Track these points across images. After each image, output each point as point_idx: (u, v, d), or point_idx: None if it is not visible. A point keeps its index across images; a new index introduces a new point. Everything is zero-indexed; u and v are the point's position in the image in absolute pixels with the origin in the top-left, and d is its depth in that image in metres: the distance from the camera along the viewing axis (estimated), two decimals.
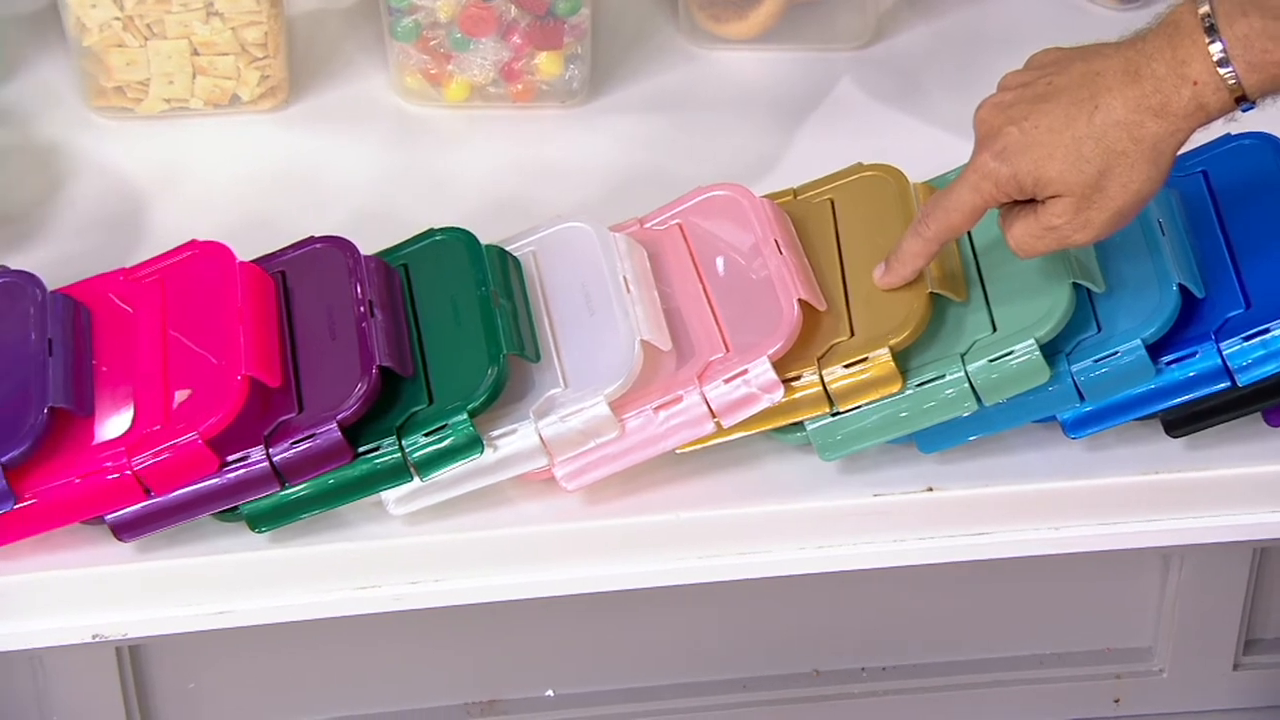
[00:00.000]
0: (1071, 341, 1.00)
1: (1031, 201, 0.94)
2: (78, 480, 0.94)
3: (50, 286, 1.01)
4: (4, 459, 0.93)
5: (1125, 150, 0.90)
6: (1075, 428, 1.01)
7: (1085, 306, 1.01)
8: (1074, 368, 0.99)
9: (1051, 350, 0.99)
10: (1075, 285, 1.00)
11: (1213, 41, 0.89)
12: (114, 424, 0.96)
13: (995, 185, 0.93)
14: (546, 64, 1.20)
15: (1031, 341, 0.98)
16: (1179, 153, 0.92)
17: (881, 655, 1.20)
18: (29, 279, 1.01)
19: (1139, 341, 0.99)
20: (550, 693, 1.19)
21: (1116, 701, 1.22)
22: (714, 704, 1.20)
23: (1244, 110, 0.91)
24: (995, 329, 1.00)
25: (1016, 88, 0.94)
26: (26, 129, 1.16)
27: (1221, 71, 0.89)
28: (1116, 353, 0.99)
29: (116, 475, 0.94)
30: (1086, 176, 0.91)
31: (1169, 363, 0.99)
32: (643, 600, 1.08)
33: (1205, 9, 0.89)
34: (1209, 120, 0.91)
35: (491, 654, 1.17)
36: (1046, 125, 0.91)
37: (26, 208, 1.13)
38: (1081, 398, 1.00)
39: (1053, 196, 0.92)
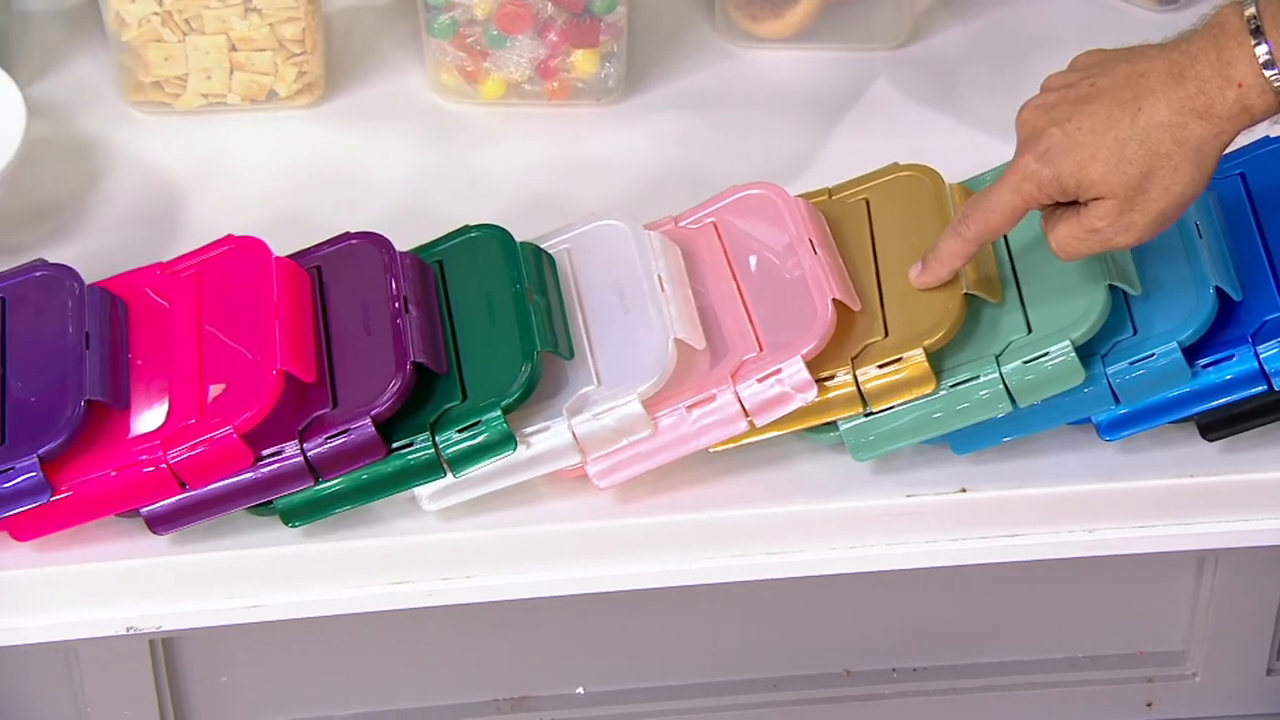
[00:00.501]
0: (1107, 343, 0.99)
1: (1074, 203, 0.93)
2: (113, 473, 0.94)
3: (87, 280, 1.01)
4: (41, 451, 0.93)
5: (1169, 152, 0.90)
6: (1110, 430, 1.01)
7: (1121, 308, 1.00)
8: (1109, 370, 0.99)
9: (1087, 352, 0.98)
10: (1111, 287, 0.99)
11: (1259, 44, 0.88)
12: (149, 417, 0.96)
13: (1037, 187, 0.93)
14: (582, 62, 1.20)
15: (1067, 343, 0.97)
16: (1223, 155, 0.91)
17: (913, 656, 1.20)
18: (67, 272, 1.01)
19: (1175, 344, 0.98)
20: (580, 690, 1.19)
21: (1149, 705, 1.22)
22: (744, 703, 1.20)
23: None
24: (1030, 330, 0.99)
25: (1060, 89, 0.94)
26: (65, 123, 1.17)
27: (1267, 74, 0.88)
28: (1152, 355, 0.98)
29: (152, 468, 0.94)
30: (1129, 178, 0.91)
31: (1205, 365, 0.99)
32: (674, 599, 1.08)
33: (1251, 10, 0.89)
34: (1253, 123, 0.90)
35: (522, 650, 1.17)
36: (1089, 127, 0.91)
37: (64, 201, 1.13)
38: (1117, 400, 0.99)
39: (1095, 199, 0.92)
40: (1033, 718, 1.22)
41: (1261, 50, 0.88)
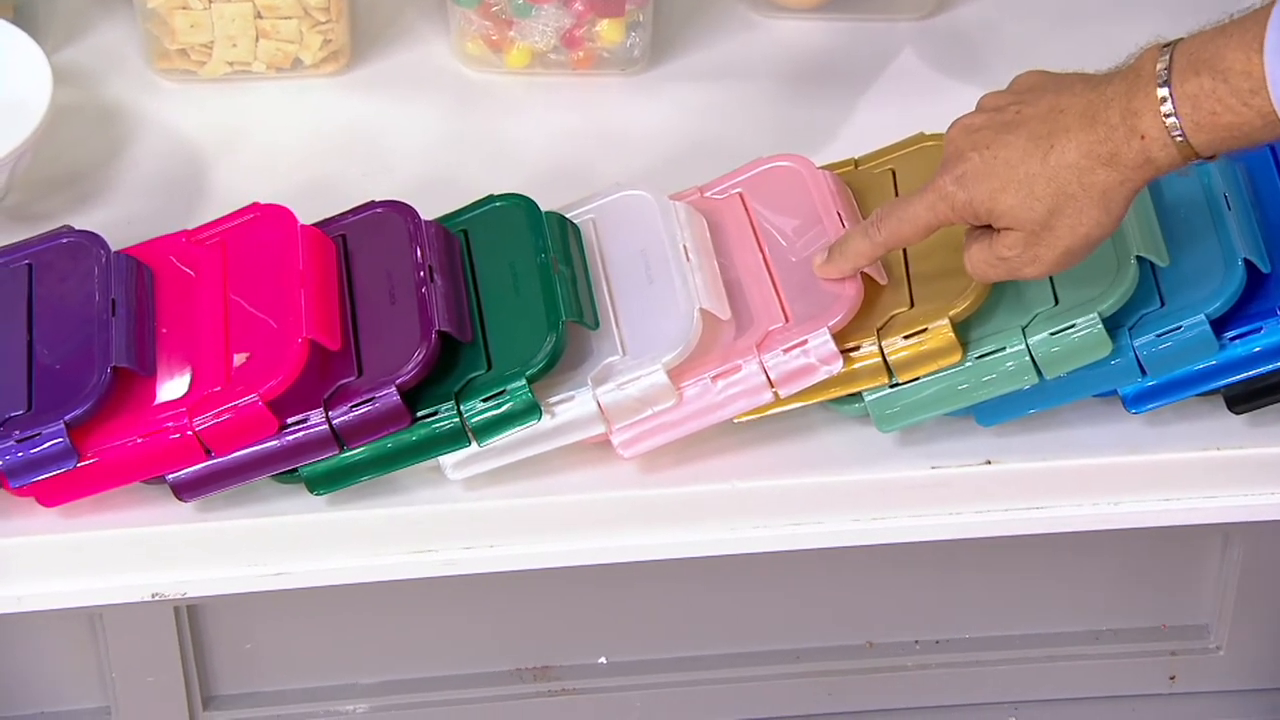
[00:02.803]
0: (1134, 315, 0.99)
1: (990, 226, 0.93)
2: (139, 440, 0.95)
3: (113, 247, 1.02)
4: (67, 418, 0.94)
5: (1075, 194, 0.90)
6: (1136, 402, 1.00)
7: (1148, 280, 1.00)
8: (1136, 342, 0.99)
9: (1114, 324, 0.98)
10: (1139, 259, 0.99)
11: (1164, 98, 0.87)
12: (175, 385, 0.96)
13: (951, 208, 0.93)
14: (608, 31, 1.19)
15: (1094, 315, 0.97)
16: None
17: (936, 629, 1.20)
18: (93, 239, 1.01)
19: (1203, 316, 0.98)
20: (603, 660, 1.19)
21: (1172, 679, 1.22)
22: (766, 674, 1.20)
23: (1198, 165, 0.89)
24: (1057, 301, 0.99)
25: (990, 111, 0.94)
26: (91, 90, 1.17)
27: (1169, 128, 0.87)
28: (1179, 327, 0.98)
29: (178, 435, 0.94)
30: (1037, 214, 0.90)
31: (1233, 338, 0.99)
32: (696, 569, 1.08)
33: (1163, 63, 0.87)
34: (1160, 174, 0.89)
35: (545, 620, 1.17)
36: (1005, 157, 0.91)
37: (90, 169, 1.13)
38: (1143, 372, 0.99)
39: (1006, 228, 0.92)
40: (1055, 691, 1.22)
41: (1167, 106, 0.87)
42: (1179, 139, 0.87)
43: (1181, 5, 0.94)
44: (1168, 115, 0.87)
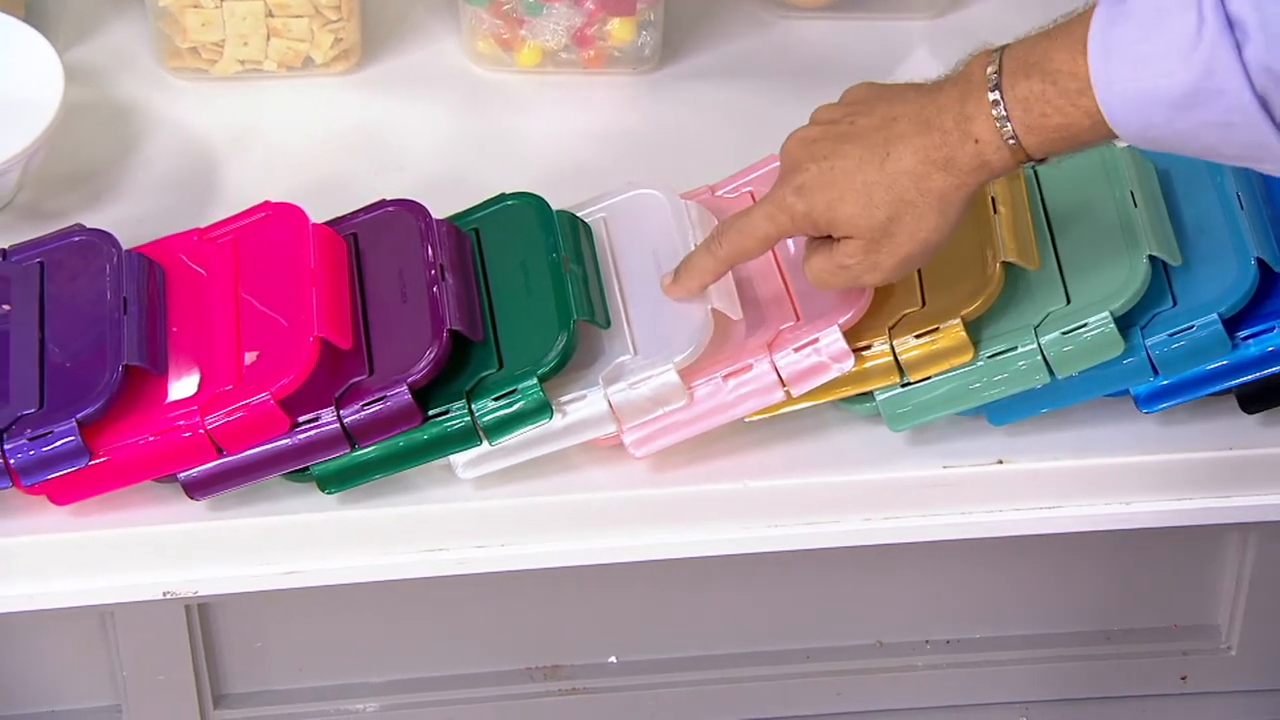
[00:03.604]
0: (1146, 315, 0.99)
1: (830, 236, 0.94)
2: (151, 438, 0.95)
3: (124, 245, 1.02)
4: (79, 416, 0.94)
5: (913, 200, 0.90)
6: (1148, 402, 1.00)
7: (1161, 279, 1.00)
8: (1148, 341, 0.98)
9: (1126, 323, 0.98)
10: (1151, 258, 0.99)
11: (995, 101, 0.88)
12: (187, 383, 0.96)
13: (790, 219, 0.94)
14: (619, 30, 1.19)
15: (1106, 314, 0.97)
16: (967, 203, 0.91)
17: (946, 628, 1.20)
18: (105, 237, 1.01)
19: (1215, 316, 0.98)
20: (613, 659, 1.19)
21: (1184, 679, 1.21)
22: (776, 674, 1.20)
23: (1033, 167, 0.90)
24: (1069, 301, 0.99)
25: (825, 123, 0.94)
26: (102, 88, 1.17)
27: (1002, 132, 0.88)
28: (1192, 327, 0.98)
29: (189, 434, 0.94)
30: (876, 222, 0.91)
31: (1245, 338, 0.98)
32: (706, 568, 1.08)
33: (993, 67, 0.88)
34: (994, 176, 0.90)
35: (555, 619, 1.17)
36: (842, 167, 0.92)
37: (101, 167, 1.13)
38: (1155, 372, 0.99)
39: (846, 237, 0.93)
40: (1066, 691, 1.22)
41: (998, 109, 0.88)
42: (1011, 142, 0.88)
43: None
44: (1000, 119, 0.88)
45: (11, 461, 0.93)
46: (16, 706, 1.15)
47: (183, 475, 0.96)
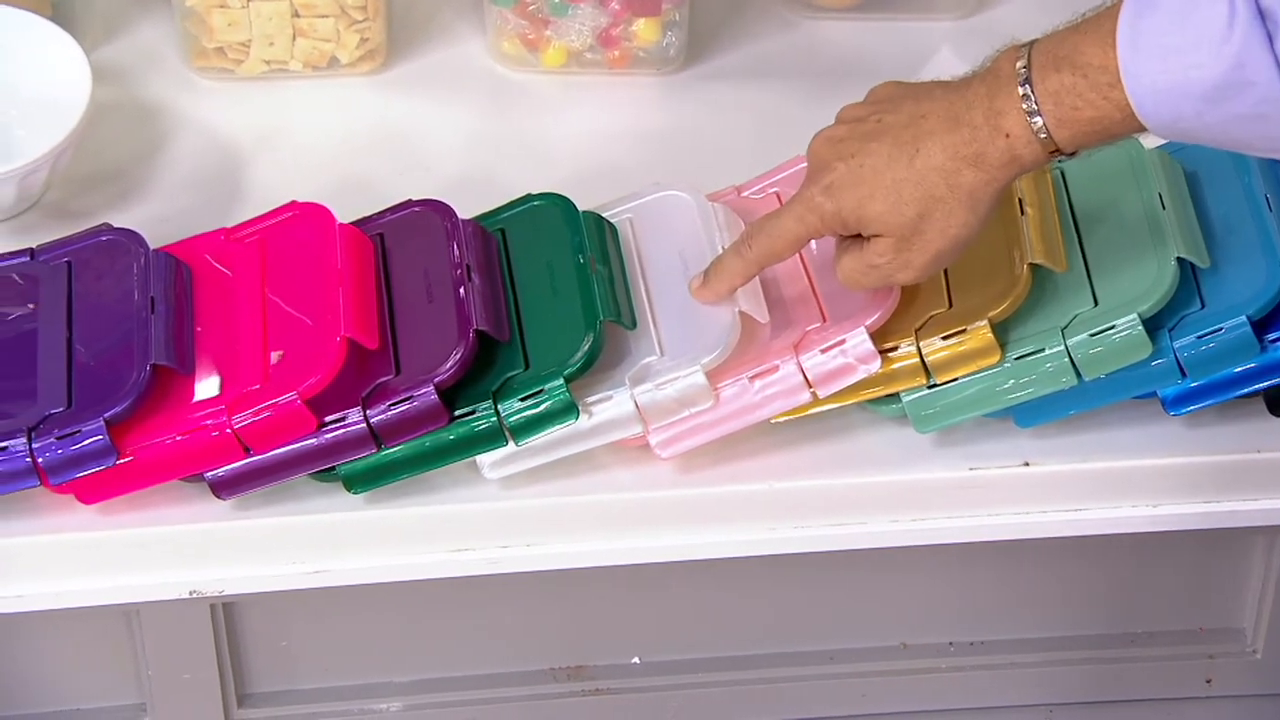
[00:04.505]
0: (1174, 317, 0.99)
1: (860, 235, 0.94)
2: (178, 438, 0.95)
3: (151, 244, 1.02)
4: (107, 415, 0.94)
5: (943, 196, 0.90)
6: (1176, 404, 1.00)
7: (1189, 281, 1.00)
8: (1176, 343, 0.98)
9: (1154, 325, 0.98)
10: (1179, 260, 0.98)
11: (1026, 96, 0.88)
12: (214, 383, 0.97)
13: (820, 219, 0.93)
14: (644, 30, 1.19)
15: (1134, 316, 0.97)
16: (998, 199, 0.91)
17: (970, 630, 1.19)
18: (132, 237, 1.02)
19: (1244, 318, 0.97)
20: (637, 660, 1.19)
21: (1208, 682, 1.21)
22: (800, 675, 1.20)
23: (1060, 161, 0.90)
24: (1096, 302, 0.99)
25: (851, 122, 0.94)
26: (129, 88, 1.17)
27: (1033, 126, 0.88)
28: (1220, 329, 0.98)
29: (216, 433, 0.94)
30: (906, 219, 0.91)
31: (1274, 340, 0.98)
32: (730, 569, 1.08)
33: (1022, 61, 0.88)
34: (1024, 171, 0.90)
35: (578, 620, 1.17)
36: (871, 165, 0.91)
37: (128, 166, 1.13)
38: (1183, 374, 0.99)
39: (876, 235, 0.92)
40: (1090, 694, 1.22)
41: (1028, 103, 0.88)
42: (1043, 136, 0.88)
43: None
44: (1030, 113, 0.88)
45: (39, 460, 0.93)
46: (42, 704, 1.15)
47: (209, 474, 0.96)
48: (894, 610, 1.18)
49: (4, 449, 0.93)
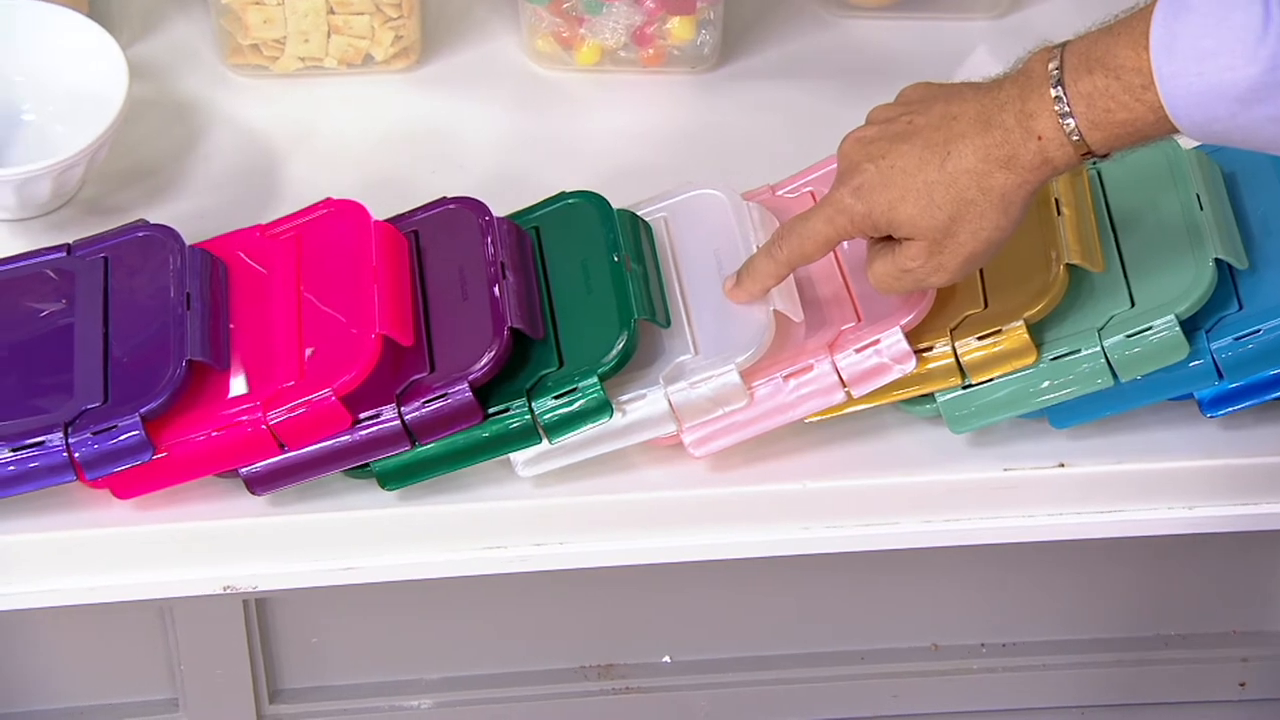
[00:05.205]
0: (1212, 318, 0.98)
1: (891, 239, 0.93)
2: (214, 433, 0.95)
3: (186, 240, 1.02)
4: (143, 410, 0.94)
5: (974, 199, 0.90)
6: (1213, 406, 1.00)
7: (1226, 282, 0.99)
8: (1213, 345, 0.98)
9: (1191, 327, 0.97)
10: (1217, 261, 0.98)
11: (1058, 98, 0.87)
12: (249, 379, 0.97)
13: (850, 221, 0.93)
14: (679, 29, 1.19)
15: (1171, 317, 0.96)
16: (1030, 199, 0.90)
17: (1001, 632, 1.19)
18: (168, 233, 1.02)
19: None
20: (667, 659, 1.19)
21: (1242, 685, 1.21)
22: (831, 675, 1.20)
23: (1093, 164, 0.89)
24: (1133, 303, 0.98)
25: (881, 123, 0.94)
26: (164, 85, 1.17)
27: (1065, 128, 0.87)
28: (1258, 330, 0.97)
29: (251, 429, 0.95)
30: (937, 222, 0.91)
31: None
32: (761, 569, 1.08)
33: (1055, 63, 0.88)
34: (1057, 173, 0.89)
35: (610, 618, 1.17)
36: (901, 166, 0.91)
37: (163, 162, 1.14)
38: (1220, 375, 0.98)
39: (907, 239, 0.92)
40: (1123, 696, 1.21)
41: (1061, 105, 0.87)
42: (1075, 138, 0.88)
43: None
44: (1063, 115, 0.87)
45: (76, 455, 0.94)
46: (75, 698, 1.16)
47: (244, 470, 0.96)
48: (926, 611, 1.18)
49: (41, 444, 0.94)
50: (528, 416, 0.97)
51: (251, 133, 1.16)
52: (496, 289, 0.98)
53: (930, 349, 0.99)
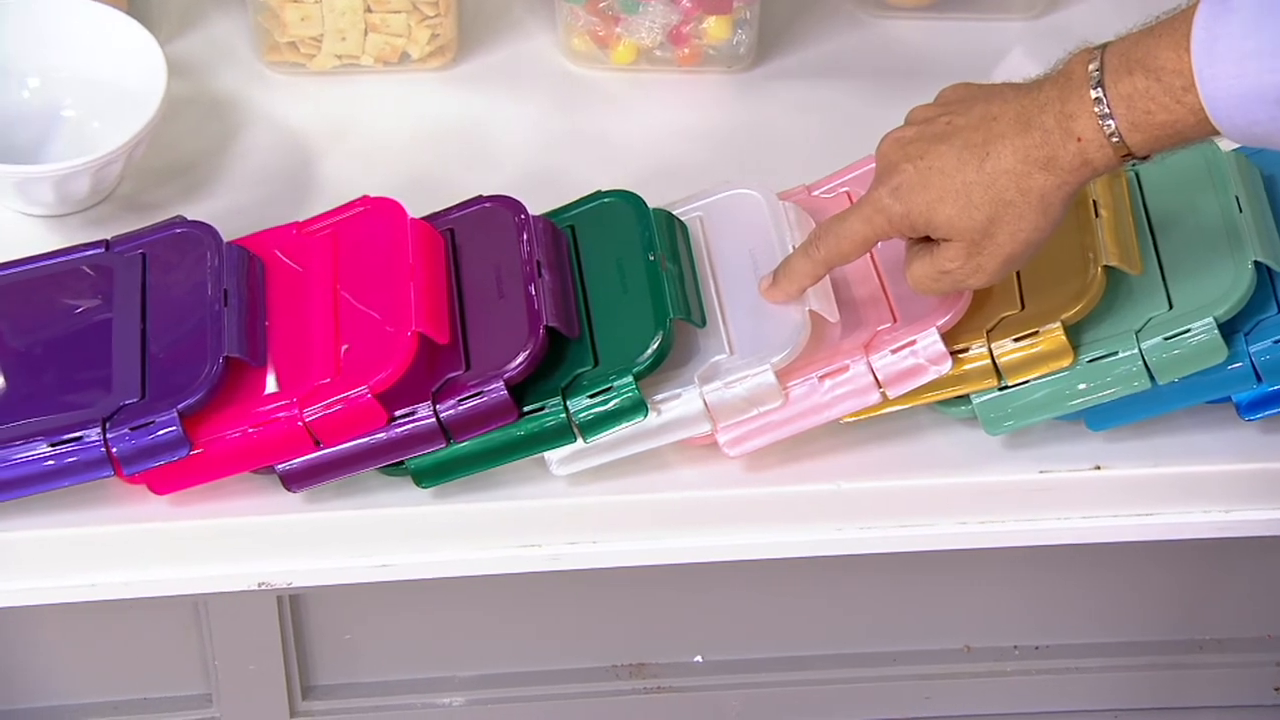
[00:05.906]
0: (1250, 321, 0.98)
1: (929, 239, 0.93)
2: (250, 430, 0.95)
3: (223, 237, 1.02)
4: (180, 406, 0.94)
5: (1013, 200, 0.90)
6: (1250, 409, 0.99)
7: (1265, 285, 0.99)
8: (1252, 348, 0.97)
9: (1229, 329, 0.97)
10: (1256, 264, 0.98)
11: (1098, 99, 0.87)
12: (285, 376, 0.97)
13: (888, 221, 0.93)
14: (715, 28, 1.19)
15: (1210, 320, 0.96)
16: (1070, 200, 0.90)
17: (1035, 634, 1.19)
18: (206, 230, 1.02)
19: None
20: (699, 659, 1.19)
21: (1277, 689, 1.20)
22: (863, 676, 1.20)
23: (1133, 165, 0.88)
24: (1171, 306, 0.98)
25: (920, 123, 0.93)
26: (202, 82, 1.18)
27: (1105, 130, 0.87)
28: None
29: (288, 426, 0.95)
30: (976, 223, 0.90)
31: None
32: (794, 569, 1.07)
33: (1095, 65, 0.88)
34: (1096, 175, 0.89)
35: (641, 618, 1.17)
36: (939, 167, 0.91)
37: (200, 159, 1.14)
38: (1259, 379, 0.98)
39: (946, 240, 0.92)
40: (1156, 700, 1.21)
41: (1101, 106, 0.87)
42: (1115, 140, 0.87)
43: None
44: (1103, 116, 0.87)
45: (114, 450, 0.94)
46: (110, 693, 1.16)
47: (280, 467, 0.97)
48: (959, 612, 1.18)
49: (79, 439, 0.94)
50: (563, 415, 0.97)
51: (288, 130, 1.16)
52: (532, 287, 0.98)
53: (966, 350, 0.98)
